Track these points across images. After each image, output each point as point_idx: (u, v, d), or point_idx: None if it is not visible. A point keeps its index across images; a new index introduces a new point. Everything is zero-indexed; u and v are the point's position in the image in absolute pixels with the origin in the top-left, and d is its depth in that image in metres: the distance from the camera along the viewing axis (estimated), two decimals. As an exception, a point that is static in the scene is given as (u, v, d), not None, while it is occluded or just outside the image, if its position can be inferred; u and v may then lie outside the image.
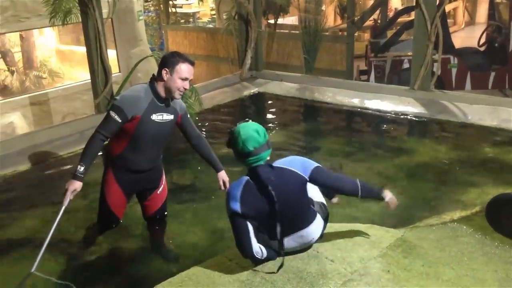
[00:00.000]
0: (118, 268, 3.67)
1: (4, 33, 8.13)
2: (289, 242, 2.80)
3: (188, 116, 3.48)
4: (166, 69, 3.12)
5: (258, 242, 2.73)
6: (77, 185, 3.06)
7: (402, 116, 6.66)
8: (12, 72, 9.30)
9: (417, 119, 6.54)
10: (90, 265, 3.62)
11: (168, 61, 3.14)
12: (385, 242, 3.06)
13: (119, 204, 3.45)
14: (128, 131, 3.18)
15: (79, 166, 3.08)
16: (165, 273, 3.27)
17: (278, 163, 2.81)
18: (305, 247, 2.90)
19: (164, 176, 3.63)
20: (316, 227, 2.86)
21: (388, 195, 2.94)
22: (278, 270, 2.71)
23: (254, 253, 2.69)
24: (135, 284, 3.36)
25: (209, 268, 2.82)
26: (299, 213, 2.79)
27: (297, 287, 2.60)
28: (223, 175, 3.52)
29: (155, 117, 3.19)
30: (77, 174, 3.06)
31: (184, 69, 3.12)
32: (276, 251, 2.79)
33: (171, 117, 3.29)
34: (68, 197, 3.05)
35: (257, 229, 2.75)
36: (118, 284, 3.43)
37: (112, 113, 3.11)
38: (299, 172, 2.76)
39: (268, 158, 2.79)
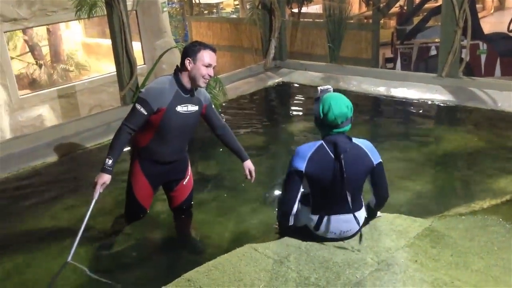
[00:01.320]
0: (146, 257, 3.71)
1: (32, 27, 8.27)
2: (333, 223, 2.81)
3: (213, 106, 3.48)
4: (189, 58, 3.13)
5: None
6: (106, 178, 3.11)
7: (429, 104, 6.54)
8: (40, 66, 9.47)
9: (445, 107, 6.41)
10: (118, 254, 3.67)
11: (189, 50, 3.15)
12: (412, 231, 3.02)
13: (146, 195, 3.50)
14: (154, 123, 3.20)
15: (107, 159, 3.13)
16: (191, 262, 3.30)
17: (355, 140, 2.86)
18: (340, 237, 2.88)
19: (189, 167, 3.65)
20: (360, 218, 2.86)
21: None
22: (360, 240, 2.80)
23: (291, 213, 2.81)
24: (162, 273, 3.40)
25: (235, 258, 2.83)
26: (355, 195, 2.82)
27: (323, 276, 2.59)
28: (249, 164, 3.53)
29: (180, 108, 3.21)
30: (105, 167, 3.11)
31: (206, 55, 3.12)
32: (309, 229, 2.84)
33: (195, 108, 3.29)
34: (98, 190, 3.10)
35: (304, 198, 2.82)
36: (145, 273, 3.47)
37: (138, 106, 3.13)
38: (370, 156, 2.82)
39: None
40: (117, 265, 3.54)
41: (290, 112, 7.09)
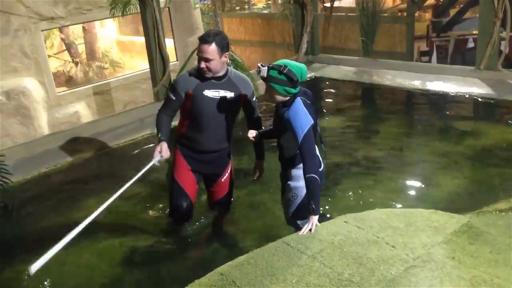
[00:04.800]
0: (179, 251, 3.75)
1: (68, 25, 8.44)
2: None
3: (255, 98, 3.46)
4: None
5: None
6: (161, 145, 3.19)
7: (467, 98, 6.36)
8: (76, 64, 9.67)
9: (483, 101, 6.22)
10: (152, 247, 3.72)
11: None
12: (449, 228, 2.93)
13: (187, 180, 3.47)
14: (187, 109, 3.29)
15: (158, 135, 3.26)
16: (224, 256, 3.31)
17: None
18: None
19: (230, 165, 3.62)
20: None
21: None
22: None
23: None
24: (195, 267, 3.42)
25: (268, 252, 2.81)
26: None
27: (357, 272, 2.55)
28: (261, 164, 3.54)
29: (209, 93, 3.22)
30: (159, 138, 3.23)
31: (200, 48, 3.14)
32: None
33: (230, 94, 3.27)
34: (155, 156, 3.17)
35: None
36: (178, 266, 3.51)
37: (169, 93, 3.32)
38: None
39: None
40: (152, 258, 3.59)
41: (323, 107, 7.01)
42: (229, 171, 3.62)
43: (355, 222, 3.02)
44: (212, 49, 3.09)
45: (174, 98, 3.26)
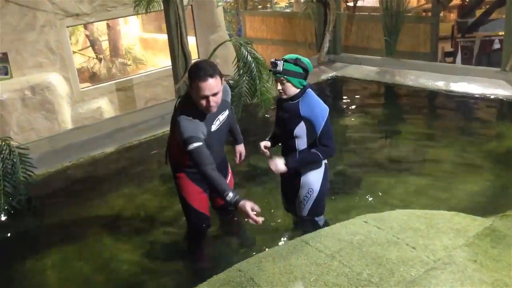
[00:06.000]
0: (198, 247, 3.77)
1: (93, 22, 8.55)
2: None
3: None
4: (190, 83, 2.92)
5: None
6: (248, 203, 2.79)
7: (492, 99, 6.25)
8: (100, 60, 9.79)
9: (508, 102, 6.10)
10: (171, 244, 3.75)
11: (189, 74, 2.92)
12: (471, 230, 2.89)
13: (201, 201, 3.40)
14: None
15: (228, 194, 2.82)
16: (242, 253, 3.33)
17: None
18: None
19: (229, 167, 3.55)
20: None
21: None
22: None
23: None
24: (213, 263, 3.44)
25: (286, 250, 2.81)
26: None
27: (376, 273, 2.53)
28: (241, 148, 3.53)
29: (214, 127, 3.08)
30: (235, 197, 2.81)
31: (202, 87, 2.82)
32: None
33: (226, 112, 3.17)
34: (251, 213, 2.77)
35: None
36: (197, 262, 3.54)
37: (194, 145, 2.89)
38: None
39: None
40: (171, 254, 3.62)
41: (344, 107, 6.97)
42: (229, 173, 3.54)
43: (375, 223, 2.99)
44: (218, 81, 2.88)
45: (202, 143, 2.90)
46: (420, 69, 7.42)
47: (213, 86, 2.84)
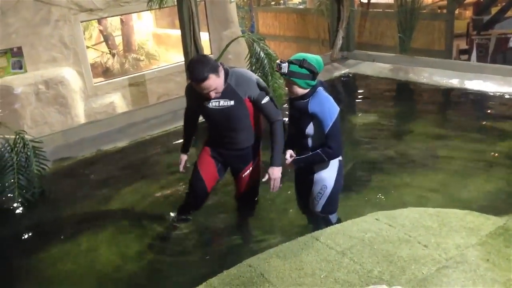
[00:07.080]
0: (208, 242, 3.79)
1: (106, 17, 8.58)
2: None
3: (265, 100, 3.23)
4: None
5: None
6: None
7: (507, 98, 6.17)
8: (113, 55, 9.84)
9: (523, 101, 6.03)
10: (183, 239, 3.76)
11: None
12: (484, 229, 2.86)
13: (207, 168, 3.53)
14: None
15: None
16: (253, 249, 3.33)
17: None
18: None
19: (253, 162, 3.52)
20: None
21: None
22: None
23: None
24: (224, 258, 3.44)
25: (296, 246, 2.80)
26: None
27: (387, 270, 2.51)
28: (273, 171, 3.26)
29: (211, 104, 3.24)
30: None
31: (197, 87, 3.11)
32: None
33: (230, 102, 3.22)
34: None
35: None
36: (208, 257, 3.54)
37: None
38: None
39: None
40: (182, 248, 3.63)
41: (356, 104, 6.94)
42: (250, 169, 3.52)
43: (387, 220, 2.98)
44: (212, 81, 3.06)
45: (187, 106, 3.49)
46: (434, 67, 7.37)
47: (205, 87, 3.06)
